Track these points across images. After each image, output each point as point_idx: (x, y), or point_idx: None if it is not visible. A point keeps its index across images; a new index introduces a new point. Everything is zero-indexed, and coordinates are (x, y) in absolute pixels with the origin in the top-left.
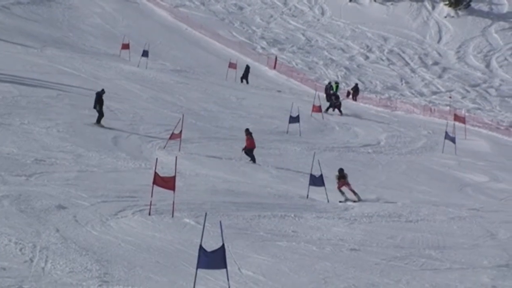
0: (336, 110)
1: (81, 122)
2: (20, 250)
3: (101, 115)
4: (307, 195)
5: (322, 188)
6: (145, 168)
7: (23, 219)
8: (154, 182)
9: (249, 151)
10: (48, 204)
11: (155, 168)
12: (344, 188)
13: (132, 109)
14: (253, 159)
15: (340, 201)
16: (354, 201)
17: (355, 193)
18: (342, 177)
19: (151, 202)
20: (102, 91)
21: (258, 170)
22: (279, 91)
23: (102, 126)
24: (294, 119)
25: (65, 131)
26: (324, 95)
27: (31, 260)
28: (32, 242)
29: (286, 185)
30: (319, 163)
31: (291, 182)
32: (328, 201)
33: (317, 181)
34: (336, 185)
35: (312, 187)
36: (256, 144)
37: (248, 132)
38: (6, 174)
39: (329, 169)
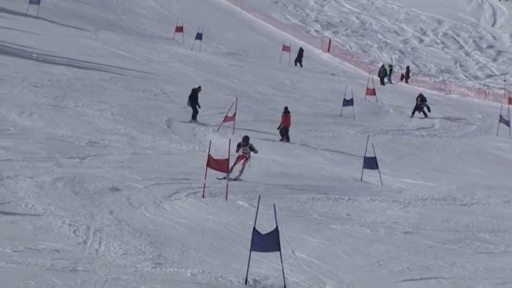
0: (421, 113)
1: (135, 105)
2: (74, 232)
3: (195, 111)
4: (361, 178)
5: (376, 171)
6: (198, 151)
7: (77, 201)
8: (208, 165)
9: (282, 129)
10: (102, 186)
11: (209, 151)
12: (237, 163)
13: (186, 91)
14: (282, 138)
15: (224, 178)
16: (234, 179)
17: (241, 170)
18: (241, 147)
19: (204, 184)
20: (199, 88)
21: (312, 153)
22: (333, 74)
23: (198, 122)
24: (348, 102)
25: (119, 114)
26: (378, 78)
27: (85, 242)
28: (86, 224)
29: (340, 167)
30: (373, 146)
31: (345, 165)
32: (382, 184)
33: (371, 164)
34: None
35: (366, 170)
36: (310, 127)
37: (285, 110)
38: (60, 156)
39: (383, 152)
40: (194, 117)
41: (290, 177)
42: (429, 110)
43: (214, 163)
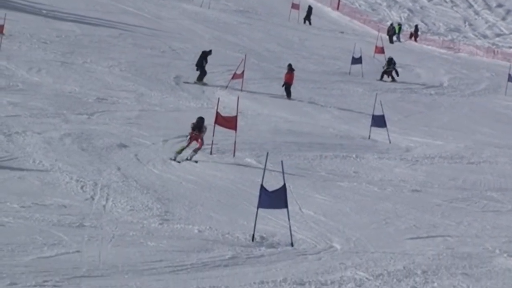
0: (390, 77)
1: (143, 62)
2: (81, 188)
3: (203, 73)
4: (369, 136)
5: (384, 129)
6: (207, 108)
7: (84, 157)
8: (216, 122)
9: (285, 85)
10: (110, 142)
11: (217, 108)
12: (191, 143)
13: (195, 49)
14: (287, 95)
15: (171, 158)
16: (187, 159)
17: (194, 152)
18: (197, 128)
19: (212, 141)
20: (210, 52)
21: (320, 110)
22: (341, 32)
23: (205, 84)
24: (357, 60)
25: (127, 70)
26: (387, 37)
27: (92, 198)
28: (93, 180)
29: (348, 125)
30: (381, 104)
31: (353, 123)
32: (390, 142)
33: (379, 122)
34: (187, 137)
35: (374, 128)
36: (319, 85)
37: (289, 68)
38: (68, 112)
39: (391, 111)
40: (200, 78)
41: (298, 135)
42: (397, 75)
43: (222, 120)
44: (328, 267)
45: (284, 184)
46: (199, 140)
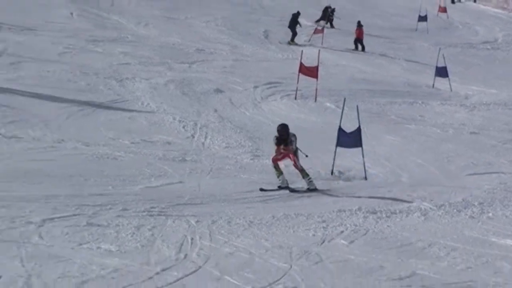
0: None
1: (236, 18)
2: (183, 127)
3: (294, 34)
4: (433, 85)
5: (446, 79)
6: (292, 59)
7: (185, 100)
8: (300, 71)
9: (356, 40)
10: (208, 88)
11: (301, 59)
12: (281, 163)
13: (281, 7)
14: (355, 48)
15: (279, 187)
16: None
17: (302, 173)
18: (282, 142)
19: (297, 88)
20: (298, 13)
21: (391, 62)
22: None
23: (296, 44)
24: (423, 18)
25: (222, 25)
26: None
27: (193, 136)
28: (193, 121)
29: (415, 75)
30: (444, 57)
31: (419, 73)
32: (451, 90)
33: (442, 72)
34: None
35: (437, 78)
36: (389, 40)
37: (358, 24)
38: (172, 61)
39: (453, 63)
40: (292, 39)
41: (371, 83)
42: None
43: (305, 70)
44: (397, 198)
45: (359, 126)
46: (292, 156)
